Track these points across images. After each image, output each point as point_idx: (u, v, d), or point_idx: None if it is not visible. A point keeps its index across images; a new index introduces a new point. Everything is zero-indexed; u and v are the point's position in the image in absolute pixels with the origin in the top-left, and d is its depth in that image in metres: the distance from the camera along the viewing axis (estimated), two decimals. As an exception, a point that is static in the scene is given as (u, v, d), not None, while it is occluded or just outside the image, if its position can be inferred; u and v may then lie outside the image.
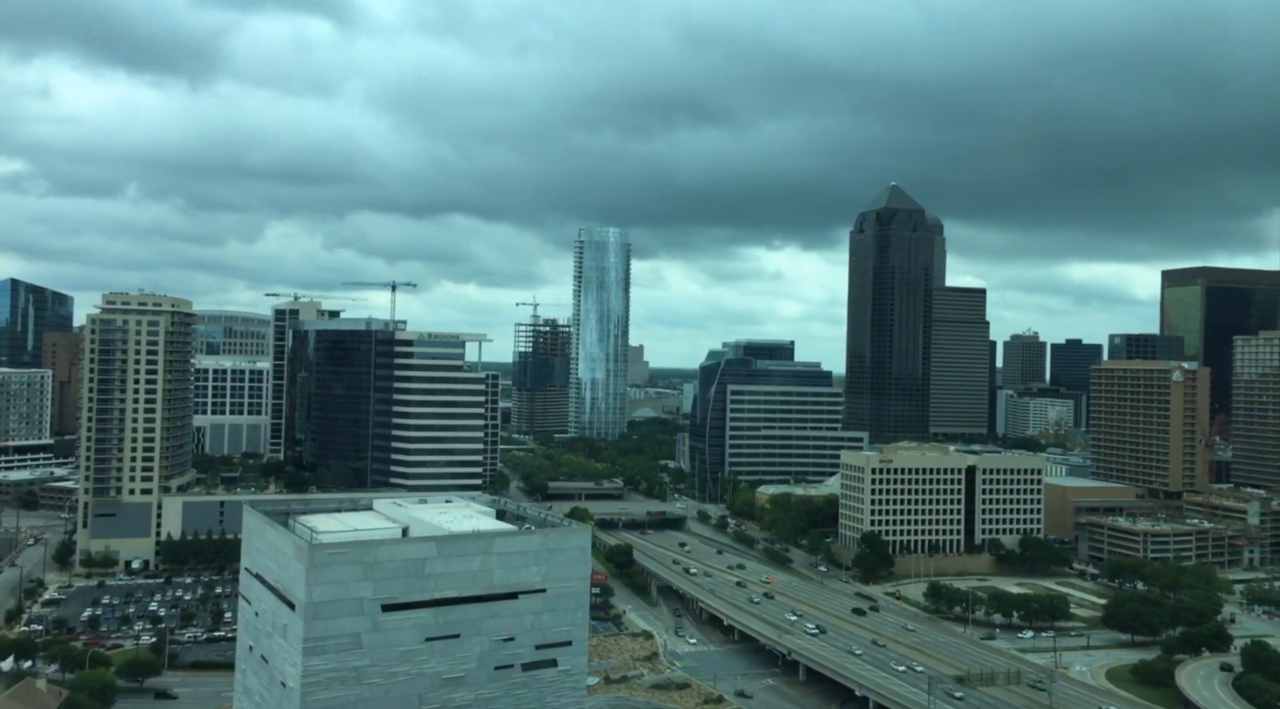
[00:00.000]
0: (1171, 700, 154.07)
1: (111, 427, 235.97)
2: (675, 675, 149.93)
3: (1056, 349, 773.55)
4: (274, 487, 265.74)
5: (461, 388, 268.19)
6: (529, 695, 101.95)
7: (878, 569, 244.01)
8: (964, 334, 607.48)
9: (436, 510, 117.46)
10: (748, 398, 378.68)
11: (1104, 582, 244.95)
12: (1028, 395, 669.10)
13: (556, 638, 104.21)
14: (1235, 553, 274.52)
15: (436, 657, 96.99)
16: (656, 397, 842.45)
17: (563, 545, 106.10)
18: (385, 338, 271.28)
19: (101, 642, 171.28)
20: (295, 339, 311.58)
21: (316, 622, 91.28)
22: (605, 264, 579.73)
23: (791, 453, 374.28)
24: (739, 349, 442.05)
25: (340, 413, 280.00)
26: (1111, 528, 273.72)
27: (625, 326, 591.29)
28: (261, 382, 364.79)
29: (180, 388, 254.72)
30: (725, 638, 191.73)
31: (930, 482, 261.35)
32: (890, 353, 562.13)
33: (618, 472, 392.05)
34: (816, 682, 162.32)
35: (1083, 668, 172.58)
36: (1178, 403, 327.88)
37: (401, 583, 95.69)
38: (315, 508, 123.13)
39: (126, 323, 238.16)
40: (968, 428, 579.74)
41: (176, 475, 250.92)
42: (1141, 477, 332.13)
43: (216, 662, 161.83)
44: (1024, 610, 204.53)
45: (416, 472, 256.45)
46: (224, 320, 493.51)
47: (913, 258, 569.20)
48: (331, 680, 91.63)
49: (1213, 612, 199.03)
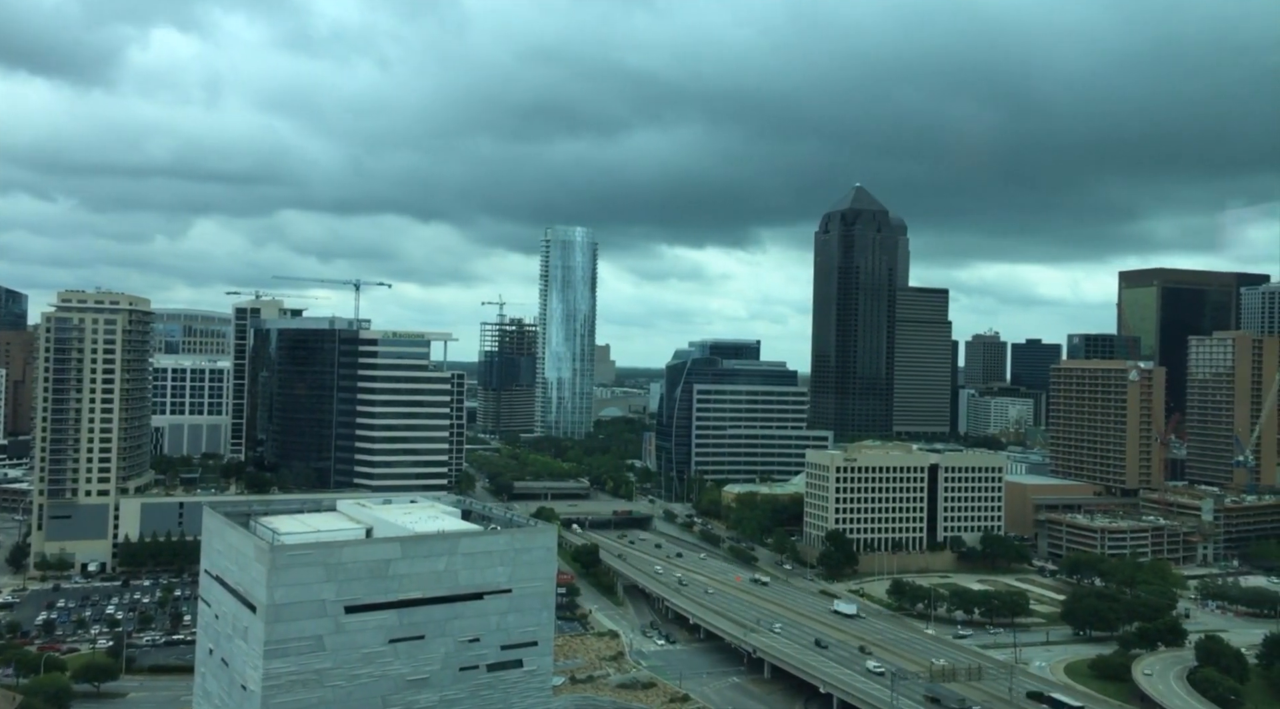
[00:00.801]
0: (1128, 695, 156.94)
1: (67, 427, 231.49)
2: (641, 675, 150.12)
3: (1017, 349, 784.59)
4: (234, 488, 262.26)
5: (426, 387, 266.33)
6: (494, 696, 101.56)
7: (842, 567, 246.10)
8: (927, 334, 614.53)
9: (401, 511, 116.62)
10: (714, 397, 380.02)
11: (1062, 578, 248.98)
12: (989, 395, 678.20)
13: (522, 638, 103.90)
14: (1190, 549, 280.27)
15: (400, 658, 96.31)
16: (623, 396, 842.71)
17: (529, 545, 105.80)
18: (349, 337, 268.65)
19: (57, 646, 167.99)
20: (257, 338, 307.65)
21: (278, 624, 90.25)
22: (571, 263, 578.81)
23: (757, 452, 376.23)
24: (705, 349, 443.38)
25: (303, 413, 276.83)
26: (1070, 525, 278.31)
27: (592, 326, 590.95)
28: (222, 381, 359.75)
29: (138, 387, 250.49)
30: (691, 636, 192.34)
31: (893, 480, 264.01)
32: (855, 352, 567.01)
33: (584, 471, 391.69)
34: (781, 679, 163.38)
35: (1042, 663, 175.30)
36: (1134, 402, 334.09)
37: (365, 584, 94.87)
38: (277, 509, 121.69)
39: (83, 321, 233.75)
40: (930, 427, 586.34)
41: (134, 476, 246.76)
42: (1099, 474, 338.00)
43: (175, 665, 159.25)
44: (985, 607, 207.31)
45: (381, 472, 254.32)
46: (183, 319, 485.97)
47: (877, 258, 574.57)
48: (293, 683, 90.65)
49: (1168, 607, 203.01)
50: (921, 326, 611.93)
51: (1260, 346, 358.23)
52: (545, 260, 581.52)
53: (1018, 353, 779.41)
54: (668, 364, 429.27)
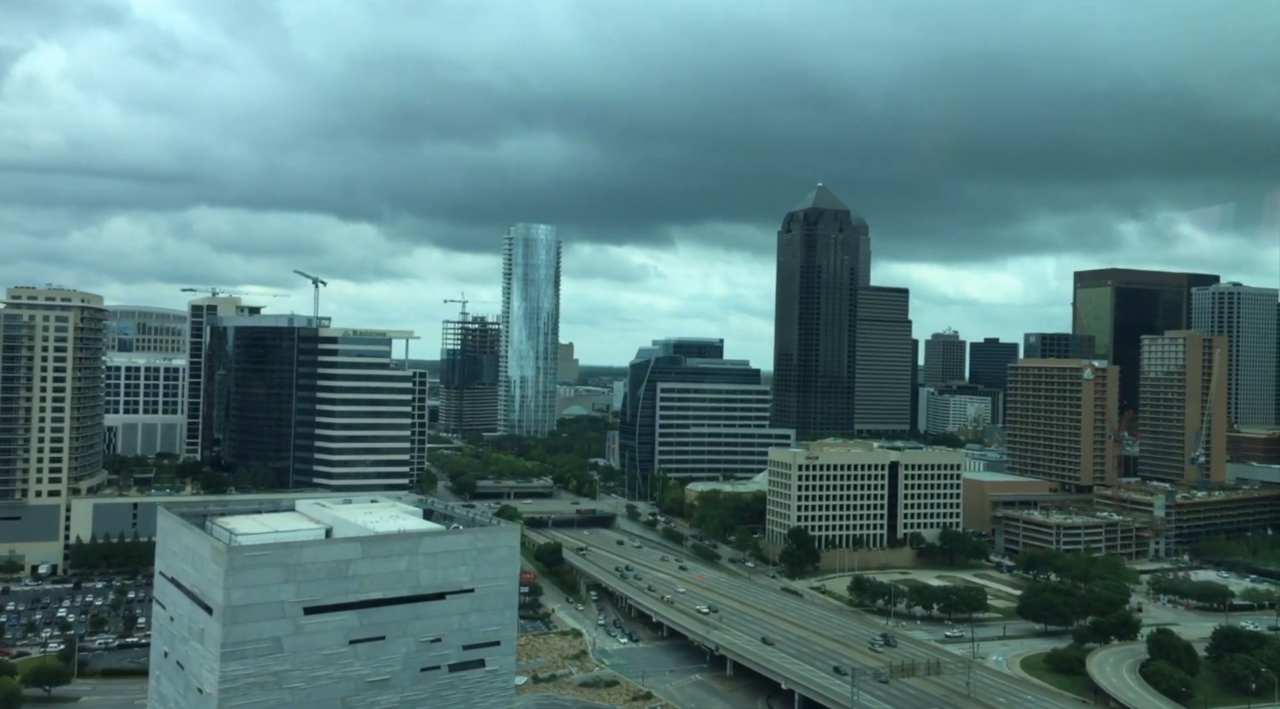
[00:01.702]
0: (1082, 688, 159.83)
1: (17, 426, 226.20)
2: (604, 673, 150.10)
3: (975, 348, 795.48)
4: (190, 488, 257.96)
5: (387, 386, 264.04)
6: (456, 696, 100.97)
7: (804, 564, 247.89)
8: (887, 333, 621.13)
9: (361, 511, 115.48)
10: (677, 396, 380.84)
11: (1019, 573, 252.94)
12: (948, 393, 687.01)
13: (484, 638, 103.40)
14: (1142, 544, 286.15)
15: (361, 659, 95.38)
16: (587, 394, 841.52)
17: (491, 545, 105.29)
18: (308, 335, 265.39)
19: (6, 650, 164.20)
20: (213, 335, 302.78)
21: (235, 626, 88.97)
22: (535, 261, 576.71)
23: (720, 450, 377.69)
24: (669, 347, 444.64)
25: (261, 412, 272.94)
26: (1026, 521, 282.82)
27: (555, 324, 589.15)
28: (177, 379, 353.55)
29: (90, 386, 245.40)
30: (654, 634, 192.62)
31: (855, 477, 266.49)
32: (817, 351, 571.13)
33: (547, 470, 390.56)
34: (744, 676, 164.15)
35: (999, 657, 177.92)
36: (1088, 400, 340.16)
37: (325, 585, 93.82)
38: (234, 509, 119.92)
39: (33, 318, 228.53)
40: (891, 424, 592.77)
41: (86, 476, 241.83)
42: (1055, 471, 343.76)
43: (129, 669, 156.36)
44: (944, 602, 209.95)
45: (341, 471, 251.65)
46: (137, 316, 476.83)
47: (838, 258, 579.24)
48: (251, 686, 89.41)
49: (1121, 601, 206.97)
50: (882, 325, 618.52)
51: (1210, 346, 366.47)
52: (508, 258, 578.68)
53: (976, 352, 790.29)
54: (631, 363, 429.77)
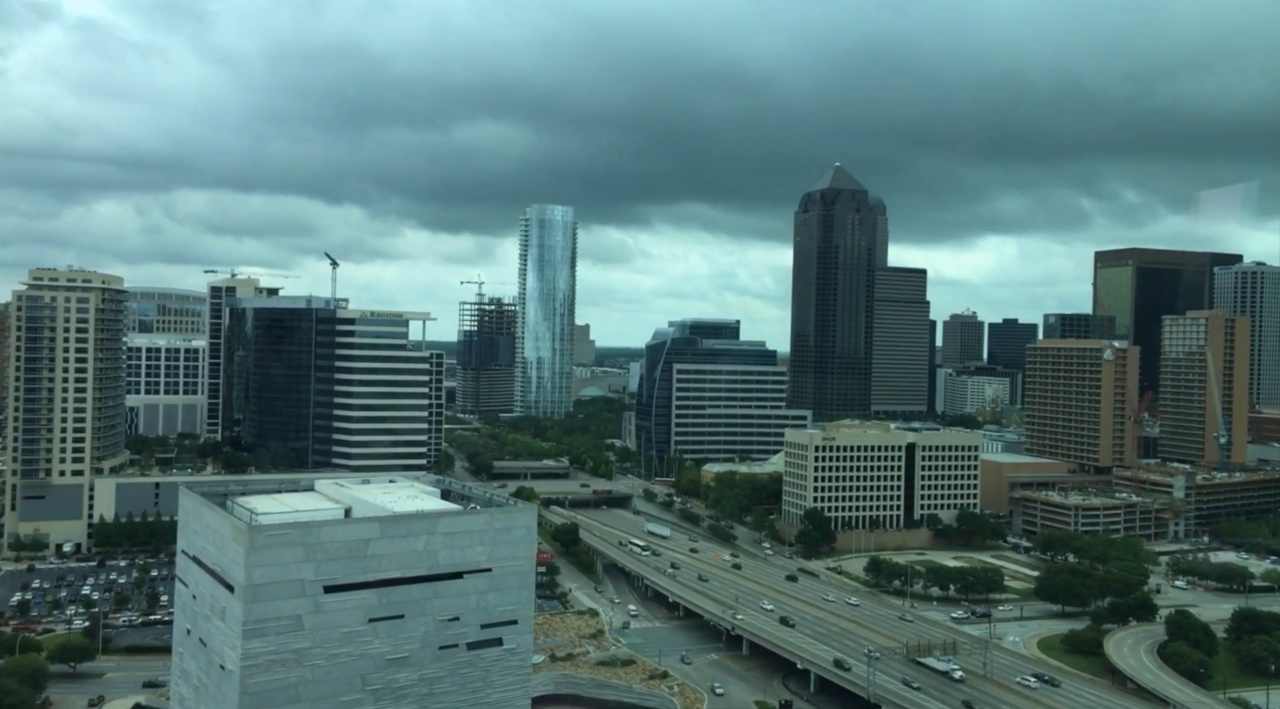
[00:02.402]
0: (1100, 668, 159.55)
1: (40, 406, 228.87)
2: (620, 652, 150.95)
3: (994, 328, 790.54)
4: (211, 468, 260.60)
5: (405, 367, 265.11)
6: (474, 675, 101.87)
7: (820, 545, 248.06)
8: (905, 314, 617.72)
9: (380, 491, 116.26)
10: (694, 377, 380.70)
11: (1036, 555, 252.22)
12: (965, 374, 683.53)
13: (502, 617, 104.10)
14: (1161, 526, 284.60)
15: (380, 638, 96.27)
16: (603, 376, 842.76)
17: (508, 525, 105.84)
18: (326, 316, 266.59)
19: (32, 627, 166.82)
20: (232, 317, 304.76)
21: (256, 604, 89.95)
22: (552, 242, 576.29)
23: (737, 431, 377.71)
24: (685, 328, 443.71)
25: (280, 392, 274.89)
26: (1044, 502, 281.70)
27: (571, 305, 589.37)
28: (197, 360, 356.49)
29: (112, 366, 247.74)
30: (670, 615, 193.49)
31: (871, 459, 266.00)
32: (834, 332, 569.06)
33: (564, 451, 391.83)
34: (759, 655, 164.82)
35: (1015, 638, 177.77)
36: (1108, 381, 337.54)
37: (344, 564, 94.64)
38: (254, 489, 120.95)
39: (55, 300, 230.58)
40: (908, 406, 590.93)
41: (109, 456, 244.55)
42: (1073, 452, 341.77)
43: (152, 646, 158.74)
44: (960, 583, 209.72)
45: (359, 452, 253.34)
46: (157, 298, 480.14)
47: (856, 238, 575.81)
48: (272, 663, 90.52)
49: (1139, 583, 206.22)
50: (900, 306, 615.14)
51: (1232, 326, 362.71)
52: (524, 239, 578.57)
53: (995, 332, 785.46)
54: (647, 344, 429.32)
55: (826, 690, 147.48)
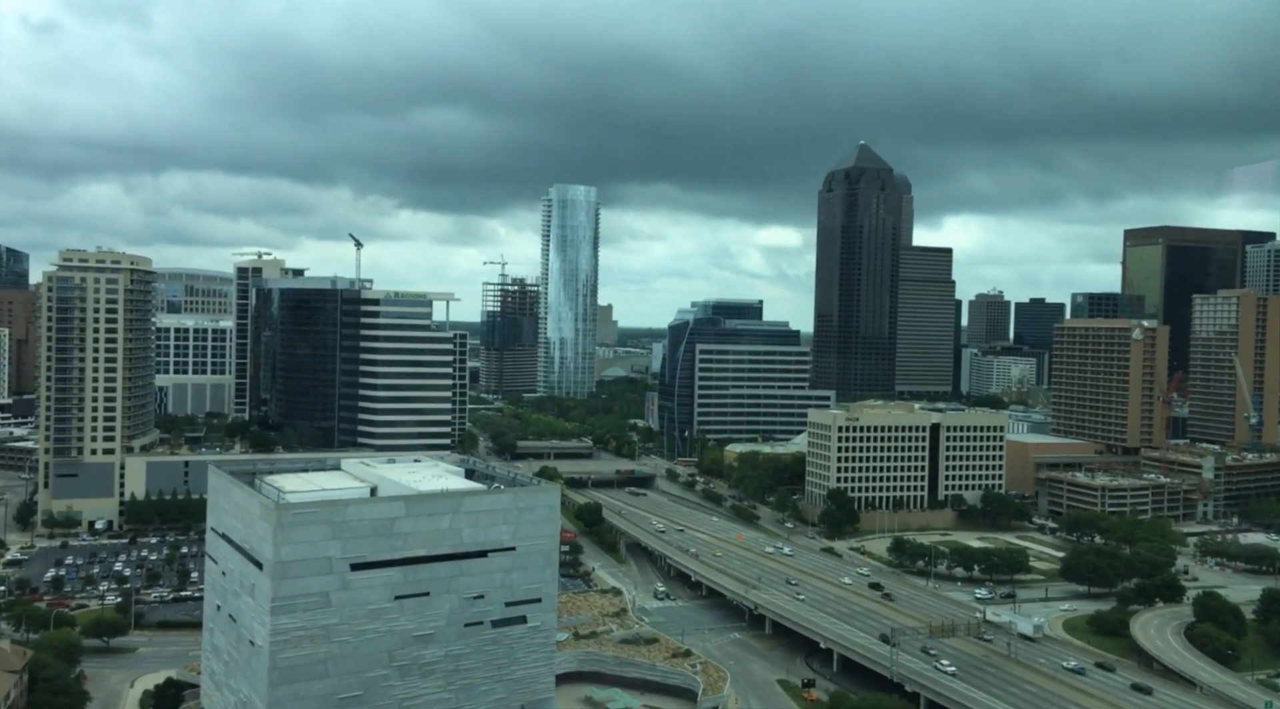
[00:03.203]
0: (1125, 649, 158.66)
1: (71, 386, 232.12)
2: (644, 631, 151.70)
3: (1020, 308, 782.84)
4: (239, 447, 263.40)
5: (429, 347, 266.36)
6: (499, 651, 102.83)
7: (843, 525, 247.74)
8: (930, 293, 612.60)
9: (405, 470, 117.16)
10: (716, 357, 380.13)
11: (1062, 535, 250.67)
12: (991, 354, 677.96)
13: (526, 595, 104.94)
14: (1190, 507, 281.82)
15: (406, 614, 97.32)
16: (626, 356, 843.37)
17: (532, 504, 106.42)
18: (351, 296, 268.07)
19: (66, 602, 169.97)
20: (258, 297, 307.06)
21: (284, 581, 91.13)
22: (574, 222, 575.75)
23: (760, 411, 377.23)
24: (708, 308, 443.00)
25: (306, 372, 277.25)
26: (1070, 483, 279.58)
27: (594, 285, 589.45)
28: (224, 341, 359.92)
29: (141, 347, 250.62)
30: (693, 594, 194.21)
31: (895, 439, 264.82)
32: (857, 312, 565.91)
33: (587, 431, 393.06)
34: (782, 635, 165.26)
35: (1040, 619, 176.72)
36: (1137, 360, 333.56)
37: (370, 542, 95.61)
38: (282, 468, 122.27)
39: (84, 280, 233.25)
40: (932, 386, 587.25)
41: (139, 435, 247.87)
42: (1101, 433, 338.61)
43: (183, 621, 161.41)
44: (985, 564, 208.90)
45: (384, 432, 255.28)
46: (184, 278, 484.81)
47: (880, 217, 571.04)
48: (300, 639, 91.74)
49: (1167, 564, 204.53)
50: (925, 285, 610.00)
51: (1265, 305, 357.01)
52: (546, 219, 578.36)
53: (1021, 312, 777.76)
54: (670, 324, 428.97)
55: (849, 669, 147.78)
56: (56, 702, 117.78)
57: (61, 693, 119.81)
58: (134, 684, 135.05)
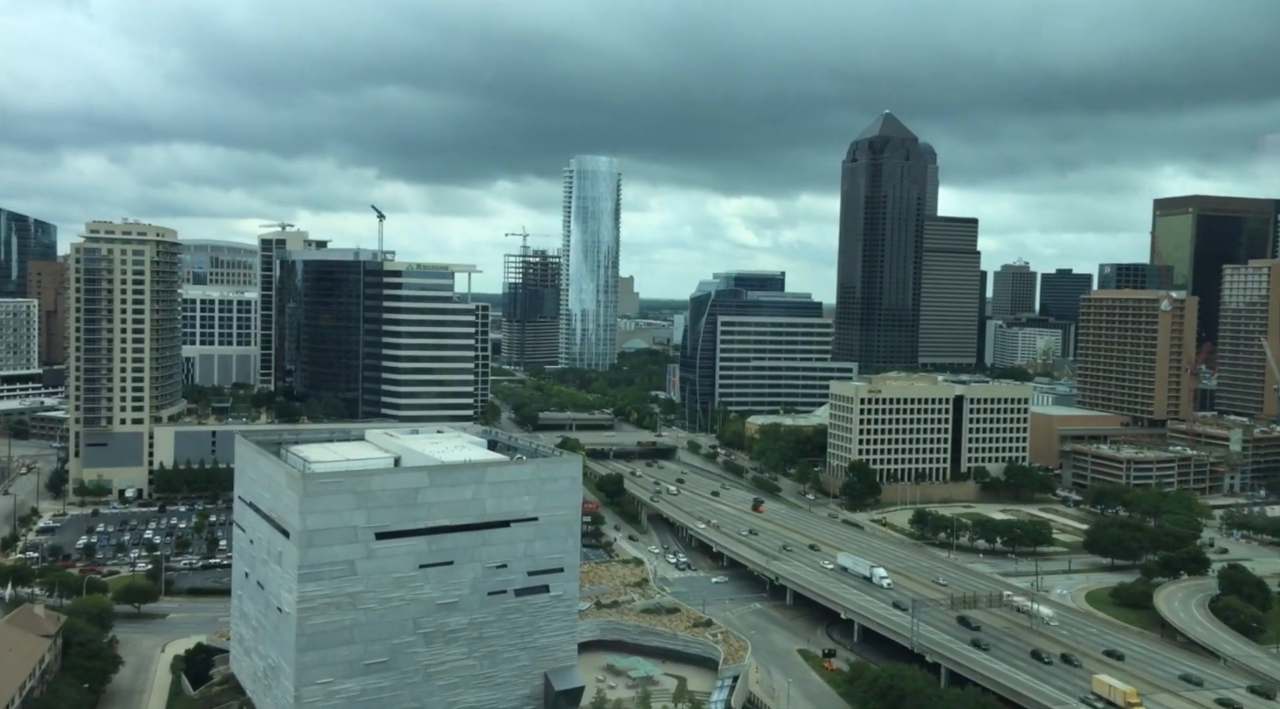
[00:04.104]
0: (1149, 622, 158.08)
1: (100, 357, 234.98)
2: (665, 600, 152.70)
3: (1047, 279, 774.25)
4: (265, 417, 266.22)
5: (451, 319, 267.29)
6: (522, 620, 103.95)
7: (865, 497, 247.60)
8: (955, 264, 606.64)
9: (428, 441, 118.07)
10: (738, 329, 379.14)
11: (1086, 508, 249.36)
12: (1016, 325, 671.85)
13: (548, 565, 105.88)
14: (1216, 479, 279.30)
15: (430, 583, 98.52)
16: (647, 328, 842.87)
17: (554, 475, 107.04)
18: (374, 268, 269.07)
19: (97, 569, 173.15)
20: (283, 269, 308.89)
21: (311, 549, 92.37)
22: (596, 194, 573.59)
23: (781, 383, 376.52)
24: (729, 280, 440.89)
25: (330, 344, 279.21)
26: (1095, 455, 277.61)
27: (615, 257, 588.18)
28: (250, 312, 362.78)
29: (168, 318, 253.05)
30: (715, 564, 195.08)
31: (918, 411, 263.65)
32: (880, 284, 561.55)
33: (608, 403, 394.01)
34: (803, 605, 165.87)
35: (1063, 591, 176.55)
36: (1165, 332, 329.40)
37: (394, 512, 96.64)
38: (307, 438, 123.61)
39: (111, 252, 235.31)
40: (956, 358, 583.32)
41: (167, 405, 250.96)
42: (1127, 405, 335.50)
43: (212, 588, 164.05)
44: (1007, 536, 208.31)
45: (408, 402, 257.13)
46: (209, 250, 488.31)
47: (905, 187, 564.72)
48: (327, 605, 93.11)
49: (1192, 536, 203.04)
50: (950, 256, 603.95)
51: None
52: (568, 191, 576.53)
53: (1047, 283, 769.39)
54: (691, 296, 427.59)
55: (870, 640, 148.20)
56: (90, 665, 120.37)
57: (95, 657, 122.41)
58: (165, 649, 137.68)
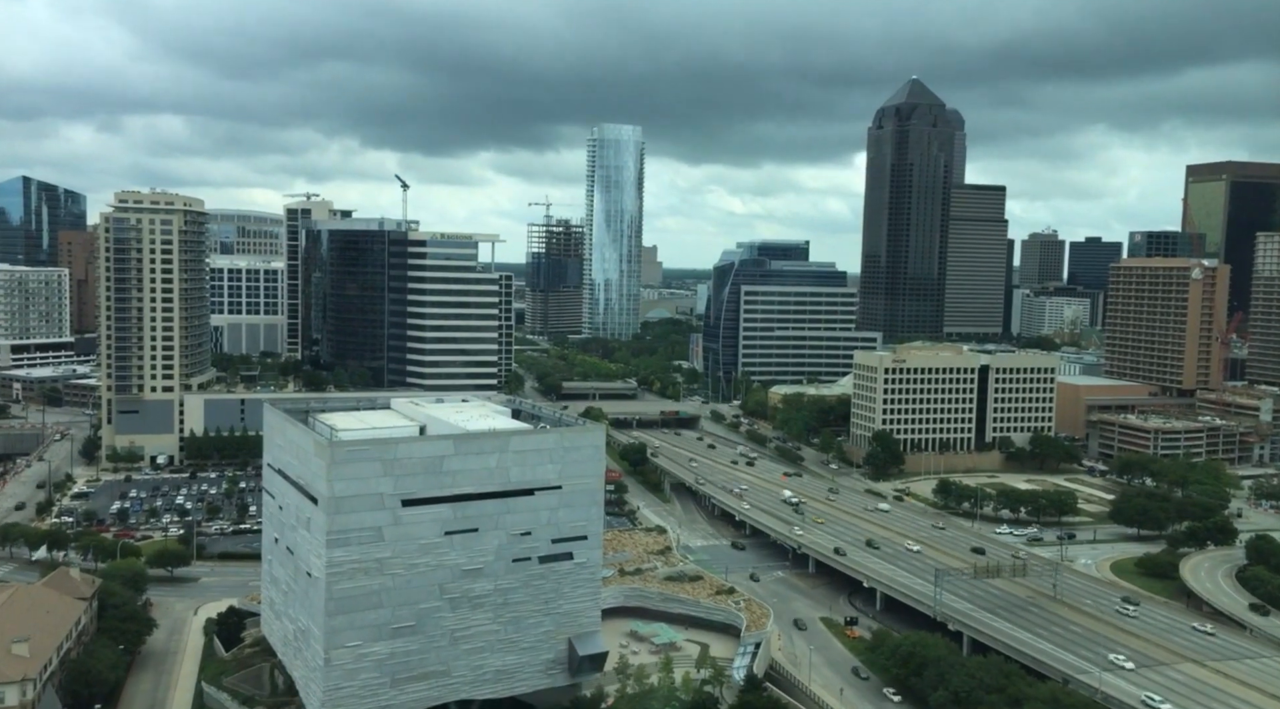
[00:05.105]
0: (1174, 591, 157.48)
1: (130, 325, 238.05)
2: (688, 568, 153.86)
3: (1075, 247, 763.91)
4: (292, 385, 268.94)
5: (475, 288, 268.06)
6: (546, 586, 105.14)
7: (888, 467, 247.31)
8: (982, 233, 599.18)
9: (453, 409, 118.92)
10: (761, 298, 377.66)
11: (1112, 478, 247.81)
12: (1044, 294, 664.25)
13: (572, 532, 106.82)
14: (1246, 449, 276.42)
15: (456, 549, 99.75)
16: (670, 297, 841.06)
17: (578, 444, 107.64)
18: (398, 238, 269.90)
19: (131, 533, 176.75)
20: (308, 239, 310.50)
21: (339, 515, 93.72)
22: (619, 163, 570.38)
23: (804, 353, 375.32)
24: (753, 249, 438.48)
25: (355, 313, 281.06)
26: (1122, 425, 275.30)
27: (639, 226, 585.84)
28: (276, 281, 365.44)
29: (196, 287, 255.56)
30: (738, 533, 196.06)
31: (942, 381, 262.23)
32: (906, 252, 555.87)
33: (631, 372, 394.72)
34: (825, 574, 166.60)
35: (1087, 561, 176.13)
36: (1195, 301, 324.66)
37: (420, 479, 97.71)
38: (334, 406, 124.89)
39: (140, 221, 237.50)
40: (982, 328, 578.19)
41: (196, 373, 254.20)
42: (1155, 375, 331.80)
43: (242, 553, 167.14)
44: (1032, 506, 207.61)
45: (432, 371, 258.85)
46: (236, 220, 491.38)
47: (931, 154, 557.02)
48: (355, 571, 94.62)
49: (1219, 507, 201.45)
50: (977, 225, 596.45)
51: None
52: (591, 160, 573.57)
53: (1076, 251, 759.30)
54: (715, 265, 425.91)
55: (892, 609, 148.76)
56: (125, 627, 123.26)
57: (130, 619, 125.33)
58: (197, 612, 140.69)
